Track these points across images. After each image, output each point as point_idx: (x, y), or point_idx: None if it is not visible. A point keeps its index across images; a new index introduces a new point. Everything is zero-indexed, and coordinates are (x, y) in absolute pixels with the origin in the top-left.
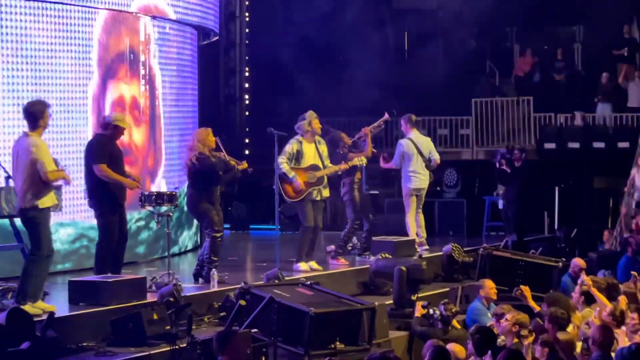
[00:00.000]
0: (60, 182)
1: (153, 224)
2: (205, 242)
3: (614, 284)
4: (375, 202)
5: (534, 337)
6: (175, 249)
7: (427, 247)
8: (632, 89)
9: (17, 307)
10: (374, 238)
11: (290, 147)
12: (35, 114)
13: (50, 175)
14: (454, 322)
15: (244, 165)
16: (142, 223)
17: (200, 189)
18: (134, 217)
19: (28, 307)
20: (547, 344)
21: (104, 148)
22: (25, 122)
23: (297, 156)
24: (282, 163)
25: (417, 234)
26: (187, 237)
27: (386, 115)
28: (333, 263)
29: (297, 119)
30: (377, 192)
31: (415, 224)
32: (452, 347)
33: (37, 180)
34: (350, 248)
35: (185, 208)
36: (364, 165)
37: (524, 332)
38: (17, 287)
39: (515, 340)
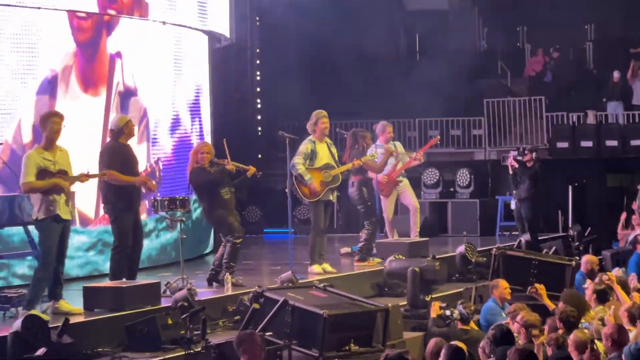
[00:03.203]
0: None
1: (167, 228)
2: (223, 248)
3: (626, 282)
4: None
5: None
6: (189, 254)
7: None
8: (638, 86)
9: (32, 313)
10: (386, 240)
11: (305, 147)
12: (42, 125)
13: (23, 187)
14: (471, 323)
15: (252, 169)
16: (157, 227)
17: (207, 199)
18: (147, 222)
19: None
20: (555, 344)
21: (114, 154)
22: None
23: (312, 156)
24: (298, 164)
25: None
26: (202, 242)
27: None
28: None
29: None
30: None
31: None
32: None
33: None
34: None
35: (196, 214)
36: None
37: (535, 332)
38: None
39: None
